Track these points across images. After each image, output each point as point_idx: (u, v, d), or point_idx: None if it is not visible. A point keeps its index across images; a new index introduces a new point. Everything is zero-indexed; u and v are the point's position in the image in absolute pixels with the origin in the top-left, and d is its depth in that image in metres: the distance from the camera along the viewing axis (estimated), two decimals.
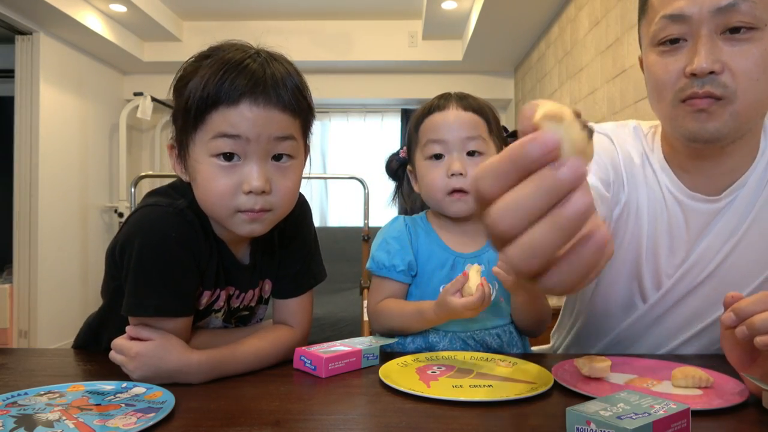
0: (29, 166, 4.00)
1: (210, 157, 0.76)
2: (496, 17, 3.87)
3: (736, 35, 0.77)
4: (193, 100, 0.75)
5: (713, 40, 0.78)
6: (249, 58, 0.77)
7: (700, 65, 0.78)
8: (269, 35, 0.85)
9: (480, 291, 0.83)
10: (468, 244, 1.01)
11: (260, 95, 0.75)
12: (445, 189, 0.97)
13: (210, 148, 0.75)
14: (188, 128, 0.77)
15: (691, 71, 0.79)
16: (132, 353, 0.76)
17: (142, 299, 0.77)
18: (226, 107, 0.74)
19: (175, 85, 0.80)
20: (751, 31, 0.77)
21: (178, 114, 0.79)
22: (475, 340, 0.98)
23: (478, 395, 0.72)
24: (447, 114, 0.98)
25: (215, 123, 0.75)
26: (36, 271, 3.99)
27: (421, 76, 5.37)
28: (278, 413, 0.67)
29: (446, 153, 0.97)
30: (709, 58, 0.78)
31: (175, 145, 0.81)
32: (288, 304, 0.94)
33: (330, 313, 3.37)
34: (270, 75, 0.76)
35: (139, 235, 0.77)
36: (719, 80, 0.79)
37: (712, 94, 0.79)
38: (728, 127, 0.81)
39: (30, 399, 0.69)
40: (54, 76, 4.18)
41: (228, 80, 0.74)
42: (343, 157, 5.73)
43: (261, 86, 0.75)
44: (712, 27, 0.78)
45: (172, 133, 0.82)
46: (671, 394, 0.72)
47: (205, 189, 0.77)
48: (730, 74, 0.78)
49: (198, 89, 0.75)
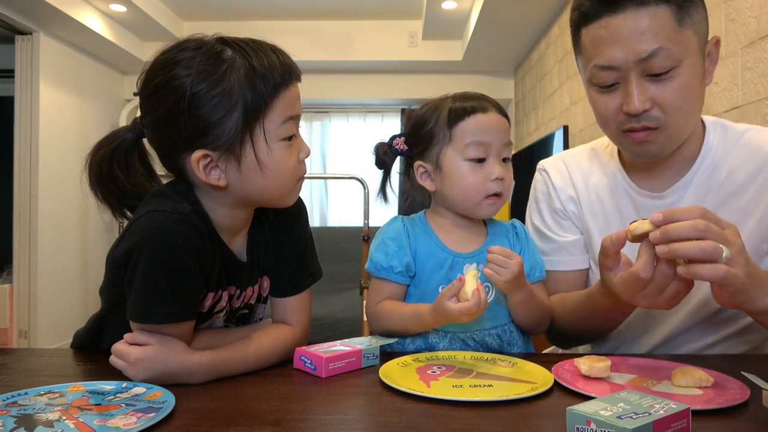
0: (29, 166, 4.00)
1: (279, 141, 0.81)
2: (496, 17, 3.87)
3: (658, 77, 0.90)
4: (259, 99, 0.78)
5: (641, 83, 0.91)
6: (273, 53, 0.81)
7: (635, 107, 0.91)
8: (269, 35, 0.85)
9: (476, 297, 0.83)
10: (466, 244, 1.01)
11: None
12: (485, 192, 0.97)
13: (280, 132, 0.81)
14: (254, 120, 0.78)
15: (626, 111, 0.93)
16: (132, 359, 0.76)
17: (150, 306, 0.76)
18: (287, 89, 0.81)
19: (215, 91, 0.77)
20: (671, 70, 0.90)
21: (231, 120, 0.77)
22: (475, 341, 0.98)
23: (478, 395, 0.72)
24: (491, 117, 0.98)
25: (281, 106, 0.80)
26: (36, 271, 3.99)
27: (421, 76, 5.37)
28: (278, 413, 0.67)
29: (488, 156, 0.97)
30: (640, 100, 0.91)
31: (211, 152, 0.78)
32: (286, 302, 0.94)
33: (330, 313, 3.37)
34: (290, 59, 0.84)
35: (145, 242, 0.75)
36: (651, 115, 0.92)
37: (648, 126, 0.93)
38: (666, 147, 0.96)
39: (30, 399, 0.69)
40: (54, 76, 4.18)
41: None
42: (343, 157, 5.73)
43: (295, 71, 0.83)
44: (638, 71, 0.91)
45: (194, 145, 0.78)
46: (671, 394, 0.72)
47: (281, 174, 0.83)
48: (659, 109, 0.92)
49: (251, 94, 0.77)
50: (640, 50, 0.88)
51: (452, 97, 1.01)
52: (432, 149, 1.00)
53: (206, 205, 0.84)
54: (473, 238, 1.03)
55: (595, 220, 1.11)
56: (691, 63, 0.91)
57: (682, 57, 0.90)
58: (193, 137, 0.78)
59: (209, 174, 0.79)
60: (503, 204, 1.01)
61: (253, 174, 0.80)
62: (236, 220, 0.87)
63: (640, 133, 0.93)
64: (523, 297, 0.95)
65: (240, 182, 0.81)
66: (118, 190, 0.86)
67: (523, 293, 0.94)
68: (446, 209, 1.03)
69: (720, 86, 1.88)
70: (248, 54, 0.78)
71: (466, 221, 1.03)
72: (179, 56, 0.77)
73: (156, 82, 0.78)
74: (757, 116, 1.69)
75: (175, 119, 0.77)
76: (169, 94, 0.77)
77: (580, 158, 1.17)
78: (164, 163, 0.85)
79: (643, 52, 0.88)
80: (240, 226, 0.89)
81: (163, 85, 0.77)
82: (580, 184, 1.13)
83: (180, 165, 0.81)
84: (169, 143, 0.81)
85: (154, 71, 0.79)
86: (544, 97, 4.19)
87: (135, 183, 0.86)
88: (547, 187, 1.17)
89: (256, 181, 0.81)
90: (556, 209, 1.14)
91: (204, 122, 0.77)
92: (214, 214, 0.84)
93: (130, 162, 0.86)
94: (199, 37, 0.80)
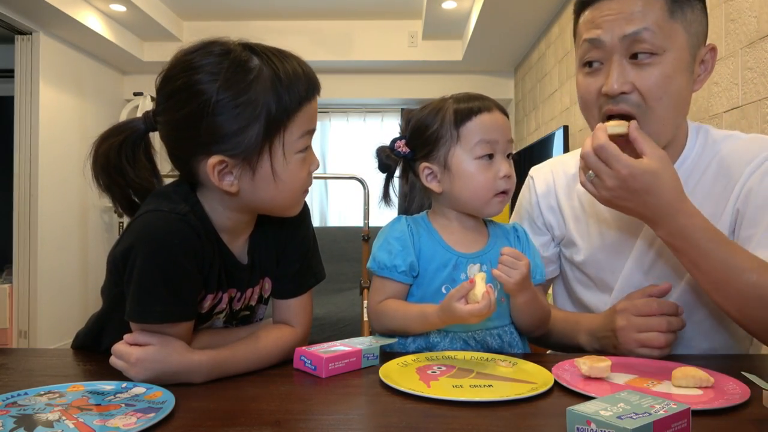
0: (29, 166, 4.00)
1: (295, 154, 0.82)
2: (496, 17, 3.87)
3: (640, 60, 0.93)
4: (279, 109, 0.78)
5: (622, 65, 0.94)
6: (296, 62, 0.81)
7: (612, 86, 0.93)
8: (269, 35, 0.86)
9: (486, 299, 0.85)
10: (470, 244, 1.01)
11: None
12: (494, 190, 0.99)
13: (297, 145, 0.81)
14: (275, 132, 0.78)
15: (605, 91, 0.95)
16: (133, 359, 0.76)
17: (146, 306, 0.76)
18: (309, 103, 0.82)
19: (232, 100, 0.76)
20: (652, 56, 0.92)
21: (245, 127, 0.77)
22: (476, 340, 0.98)
23: (478, 395, 0.72)
24: (496, 116, 0.99)
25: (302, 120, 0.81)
26: (36, 271, 3.99)
27: (421, 76, 5.37)
28: (278, 413, 0.67)
29: (495, 154, 0.99)
30: (618, 80, 0.93)
31: (229, 158, 0.78)
32: (289, 304, 0.94)
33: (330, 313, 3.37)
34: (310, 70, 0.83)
35: (142, 242, 0.76)
36: (630, 99, 0.94)
37: (626, 111, 0.94)
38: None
39: (30, 399, 0.69)
40: (54, 76, 4.18)
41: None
42: (343, 157, 5.73)
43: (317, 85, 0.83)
44: (622, 52, 0.94)
45: (209, 150, 0.78)
46: (671, 394, 0.72)
47: (292, 186, 0.83)
48: (639, 95, 0.94)
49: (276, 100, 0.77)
50: (626, 28, 0.92)
51: (454, 98, 1.02)
52: (438, 150, 1.00)
53: (209, 207, 0.83)
54: (477, 239, 1.03)
55: (578, 226, 1.13)
56: (675, 57, 0.93)
57: (666, 47, 0.92)
58: (211, 142, 0.77)
59: (223, 179, 0.79)
60: (509, 201, 1.02)
61: (266, 184, 0.80)
62: (239, 223, 0.87)
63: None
64: (527, 299, 0.95)
65: (252, 191, 0.81)
66: (125, 183, 0.85)
67: (527, 295, 0.95)
68: (451, 209, 1.03)
69: (720, 86, 1.88)
70: (275, 65, 0.78)
71: (470, 222, 1.03)
72: (204, 61, 0.77)
73: (179, 84, 0.77)
74: (757, 116, 1.69)
75: (196, 123, 0.76)
76: (192, 98, 0.76)
77: (568, 164, 1.19)
78: (174, 162, 0.84)
79: (628, 30, 0.92)
80: (242, 229, 0.89)
81: (186, 88, 0.77)
82: (562, 193, 1.17)
83: (191, 166, 0.81)
84: (185, 145, 0.80)
85: (175, 72, 0.78)
86: (544, 97, 4.19)
87: (141, 176, 0.85)
88: (530, 196, 1.21)
89: (268, 190, 0.81)
90: (535, 221, 1.19)
91: (225, 130, 0.76)
92: (216, 216, 0.84)
93: (137, 154, 0.85)
94: (225, 41, 0.79)
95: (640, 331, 0.92)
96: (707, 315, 1.02)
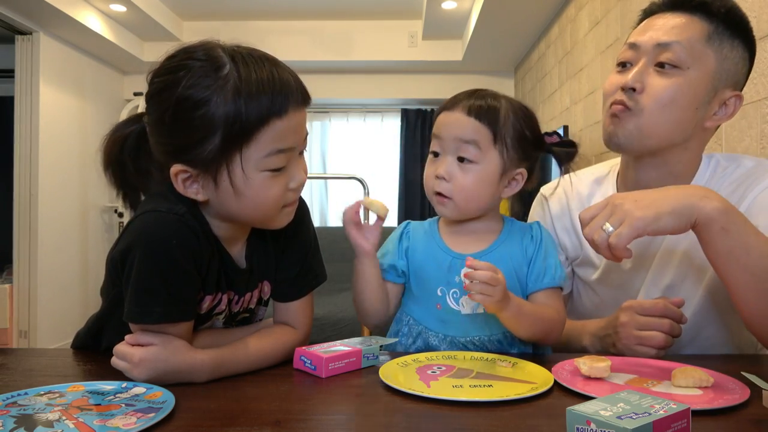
0: (29, 166, 4.00)
1: (261, 172, 0.77)
2: (496, 17, 3.87)
3: (664, 70, 0.98)
4: (241, 120, 0.73)
5: (646, 68, 1.00)
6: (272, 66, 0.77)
7: (627, 80, 1.00)
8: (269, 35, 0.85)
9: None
10: (471, 246, 1.00)
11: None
12: (431, 189, 0.99)
13: (264, 164, 0.76)
14: (232, 147, 0.74)
15: (621, 85, 1.01)
16: (135, 360, 0.76)
17: (144, 307, 0.76)
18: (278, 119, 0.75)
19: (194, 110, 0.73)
20: (674, 69, 0.98)
21: (200, 137, 0.74)
22: (476, 345, 0.97)
23: (478, 395, 0.72)
24: (450, 115, 0.96)
25: (268, 138, 0.75)
26: (36, 271, 3.99)
27: (421, 76, 5.37)
28: (278, 413, 0.67)
29: (442, 154, 0.97)
30: (635, 77, 0.99)
31: (190, 168, 0.76)
32: (289, 305, 0.93)
33: (330, 313, 3.37)
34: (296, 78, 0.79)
35: (140, 242, 0.75)
36: (635, 96, 0.99)
37: (624, 102, 0.99)
38: (632, 138, 1.00)
39: (30, 399, 0.69)
40: (54, 76, 4.18)
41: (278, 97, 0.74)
42: (343, 157, 5.73)
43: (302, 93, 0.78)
44: (651, 57, 1.00)
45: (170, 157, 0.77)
46: (671, 394, 0.72)
47: (259, 201, 0.79)
48: (646, 94, 0.98)
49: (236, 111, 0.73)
50: (662, 38, 0.99)
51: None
52: None
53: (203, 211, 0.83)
54: (481, 238, 1.01)
55: None
56: (696, 77, 0.97)
57: (690, 64, 0.97)
58: (173, 150, 0.77)
59: (188, 188, 0.79)
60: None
61: (229, 197, 0.78)
62: (230, 230, 0.86)
63: (616, 106, 1.01)
64: (511, 314, 0.88)
65: (218, 202, 0.80)
66: (123, 176, 0.86)
67: (510, 310, 0.87)
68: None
69: None
70: (241, 77, 0.73)
71: (476, 224, 1.02)
72: (180, 64, 0.75)
73: (152, 88, 0.78)
74: (757, 116, 1.69)
75: (161, 130, 0.77)
76: (159, 104, 0.76)
77: (581, 184, 1.19)
78: (158, 166, 0.83)
79: (663, 39, 0.98)
80: (236, 235, 0.88)
81: (156, 93, 0.77)
82: (576, 214, 1.12)
83: (166, 171, 0.79)
84: (158, 149, 0.80)
85: (153, 76, 0.78)
86: (544, 97, 4.19)
87: (140, 170, 0.85)
88: (544, 216, 1.21)
89: (232, 204, 0.79)
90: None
91: (184, 140, 0.75)
92: (210, 220, 0.83)
93: (143, 148, 0.85)
94: (211, 46, 0.77)
95: (640, 328, 0.92)
96: (714, 333, 1.03)
